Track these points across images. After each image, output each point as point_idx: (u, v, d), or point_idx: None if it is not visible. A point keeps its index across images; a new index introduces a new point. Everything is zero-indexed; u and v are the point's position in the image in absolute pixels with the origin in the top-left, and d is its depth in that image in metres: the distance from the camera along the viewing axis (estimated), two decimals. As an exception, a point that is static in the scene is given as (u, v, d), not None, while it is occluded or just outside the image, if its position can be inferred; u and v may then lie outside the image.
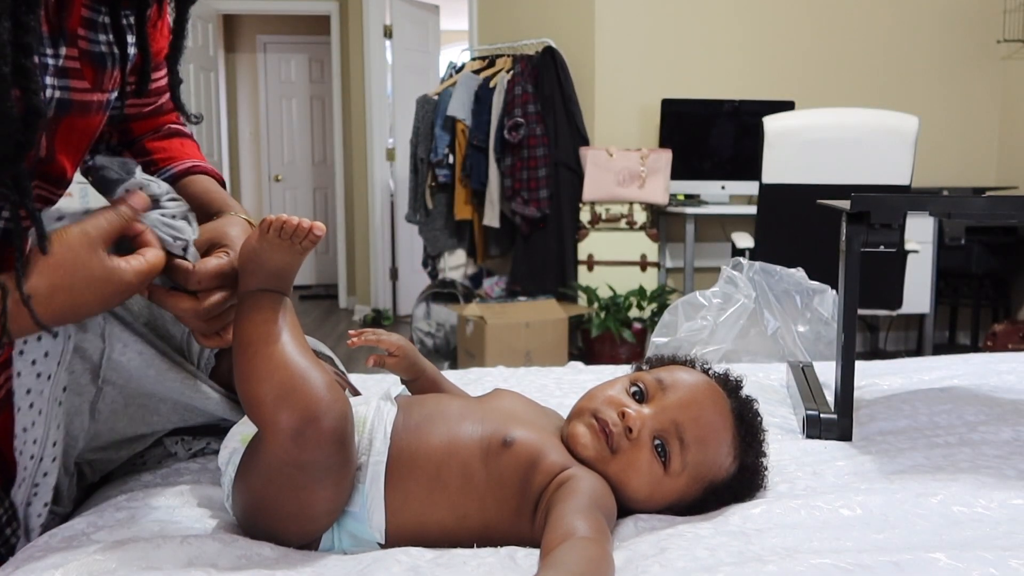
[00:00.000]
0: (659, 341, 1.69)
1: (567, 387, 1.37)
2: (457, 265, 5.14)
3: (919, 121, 3.08)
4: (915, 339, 4.65)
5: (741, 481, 0.88)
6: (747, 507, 0.84)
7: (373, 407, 0.84)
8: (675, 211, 4.22)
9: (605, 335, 4.00)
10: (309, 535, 0.78)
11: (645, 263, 4.20)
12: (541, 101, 4.31)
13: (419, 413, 0.85)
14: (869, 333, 4.72)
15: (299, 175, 7.87)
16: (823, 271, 1.66)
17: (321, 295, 7.38)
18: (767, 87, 4.46)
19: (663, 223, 4.36)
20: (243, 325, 0.78)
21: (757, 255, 3.17)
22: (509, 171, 4.32)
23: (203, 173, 0.97)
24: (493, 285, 4.61)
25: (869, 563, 0.67)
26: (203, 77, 5.76)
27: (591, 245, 4.23)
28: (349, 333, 0.93)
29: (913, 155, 3.06)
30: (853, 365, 1.18)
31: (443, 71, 5.36)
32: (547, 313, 3.98)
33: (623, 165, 4.14)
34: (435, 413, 0.85)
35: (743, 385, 0.93)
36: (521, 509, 0.80)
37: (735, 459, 0.87)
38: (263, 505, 0.77)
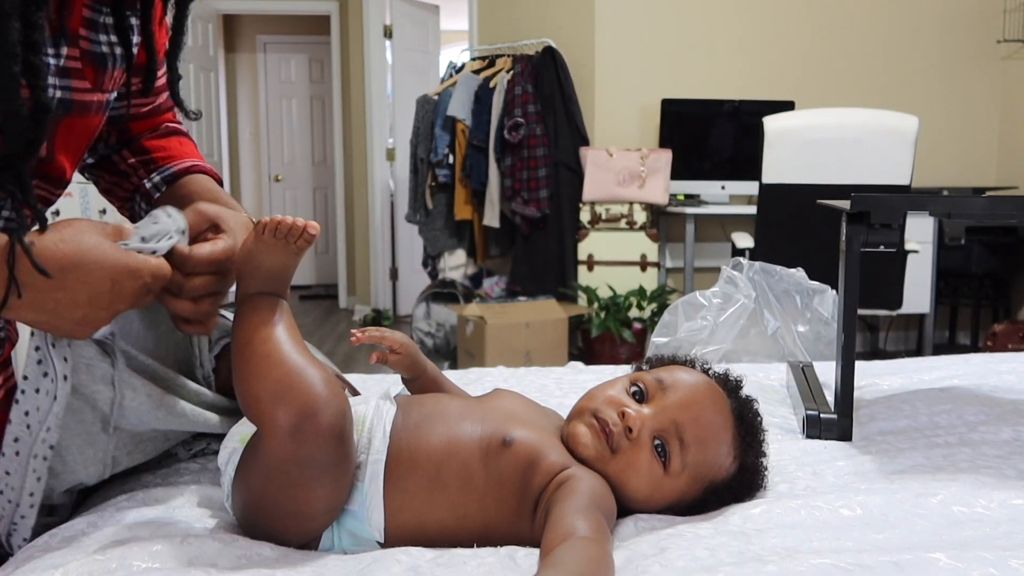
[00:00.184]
0: (659, 341, 1.69)
1: (567, 387, 1.37)
2: (457, 265, 5.14)
3: (919, 121, 3.08)
4: (915, 339, 4.65)
5: (741, 481, 0.88)
6: (747, 507, 0.84)
7: (372, 406, 0.84)
8: (675, 211, 4.22)
9: (605, 335, 4.00)
10: (309, 533, 0.78)
11: (645, 263, 4.20)
12: (541, 101, 4.31)
13: (419, 412, 0.85)
14: (869, 333, 4.72)
15: (299, 175, 7.87)
16: (823, 271, 1.66)
17: (321, 295, 7.38)
18: (767, 87, 4.46)
19: (663, 223, 4.36)
20: (241, 327, 0.79)
21: (757, 255, 3.17)
22: (509, 171, 4.32)
23: (202, 172, 0.97)
24: (493, 285, 4.61)
25: (869, 563, 0.66)
26: (203, 77, 5.76)
27: (591, 245, 4.23)
28: (352, 331, 0.94)
29: (913, 155, 3.07)
30: (853, 365, 1.18)
31: (443, 71, 5.36)
32: (547, 313, 3.98)
33: (623, 165, 4.14)
34: (435, 412, 0.85)
35: (743, 385, 0.93)
36: (521, 509, 0.80)
37: (735, 459, 0.87)
38: (262, 503, 0.77)
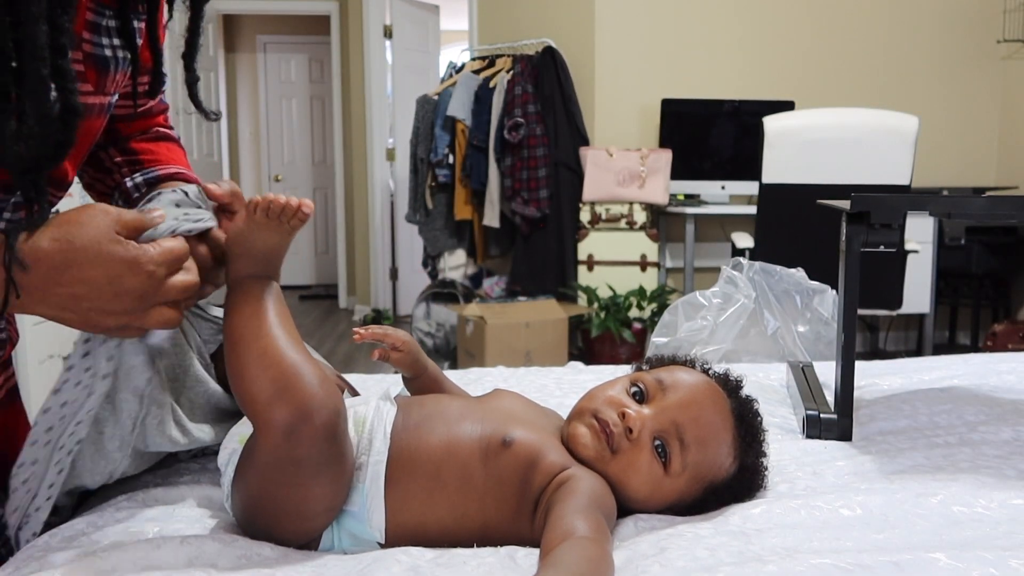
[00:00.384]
0: (659, 341, 1.69)
1: (567, 387, 1.36)
2: (457, 265, 5.14)
3: (919, 121, 3.08)
4: (915, 339, 4.65)
5: (741, 481, 0.88)
6: (747, 507, 0.84)
7: (372, 407, 0.84)
8: (675, 211, 4.22)
9: (605, 335, 4.01)
10: (308, 533, 0.78)
11: (645, 263, 4.20)
12: (541, 101, 4.31)
13: (419, 413, 0.85)
14: (869, 333, 4.72)
15: (299, 175, 7.87)
16: (823, 271, 1.66)
17: (321, 295, 7.38)
18: (767, 87, 4.46)
19: (663, 223, 4.36)
20: (233, 318, 0.78)
21: (757, 255, 3.17)
22: (509, 171, 4.32)
23: (186, 181, 0.97)
24: (493, 285, 4.61)
25: (869, 563, 0.66)
26: (203, 77, 5.75)
27: (591, 245, 4.23)
28: (355, 329, 0.93)
29: (913, 155, 3.07)
30: (853, 365, 1.18)
31: (443, 71, 5.36)
32: (547, 313, 3.98)
33: (623, 165, 4.14)
34: (435, 413, 0.85)
35: (743, 385, 0.93)
36: (520, 509, 0.80)
37: (735, 459, 0.87)
38: (261, 503, 0.77)
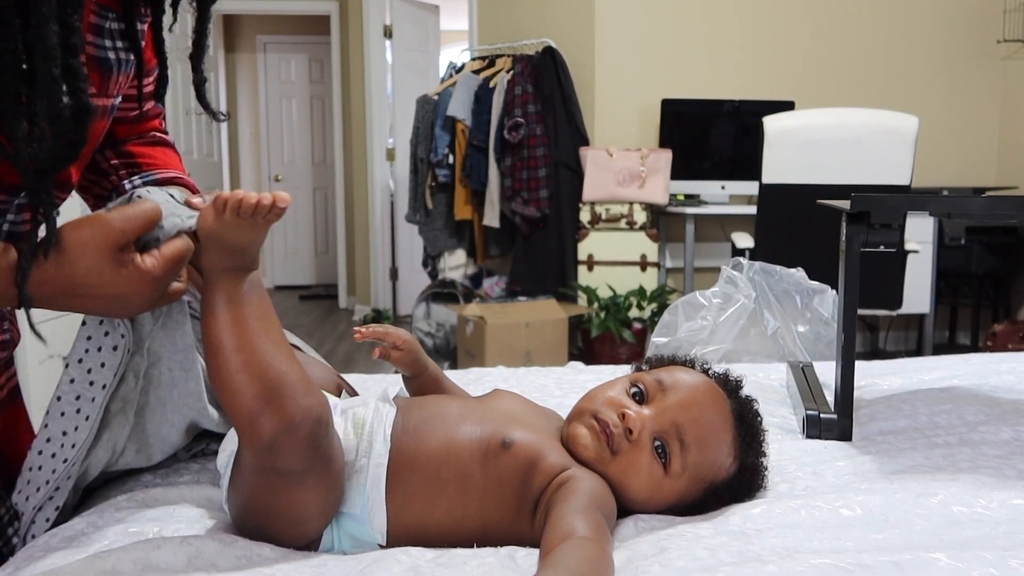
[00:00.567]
0: (659, 341, 1.69)
1: (567, 387, 1.36)
2: (457, 265, 5.14)
3: (919, 121, 3.08)
4: (915, 339, 4.65)
5: (741, 481, 0.88)
6: (747, 507, 0.84)
7: (372, 408, 0.84)
8: (675, 211, 4.22)
9: (605, 335, 4.00)
10: (305, 536, 0.78)
11: (645, 263, 4.20)
12: (541, 101, 4.31)
13: (418, 415, 0.84)
14: (869, 333, 4.72)
15: (299, 175, 7.87)
16: (823, 271, 1.66)
17: (321, 295, 7.38)
18: (767, 87, 4.46)
19: (663, 223, 4.36)
20: (212, 326, 0.73)
21: (757, 255, 3.17)
22: (509, 171, 4.32)
23: (184, 186, 0.97)
24: (493, 285, 4.61)
25: (869, 563, 0.66)
26: (203, 77, 5.75)
27: (591, 245, 4.23)
28: (355, 328, 0.93)
29: (913, 155, 3.06)
30: (853, 365, 1.18)
31: (443, 71, 5.36)
32: (547, 313, 3.98)
33: (623, 165, 4.14)
34: (434, 415, 0.85)
35: (743, 385, 0.93)
36: (520, 510, 0.80)
37: (735, 460, 0.87)
38: (254, 509, 0.77)
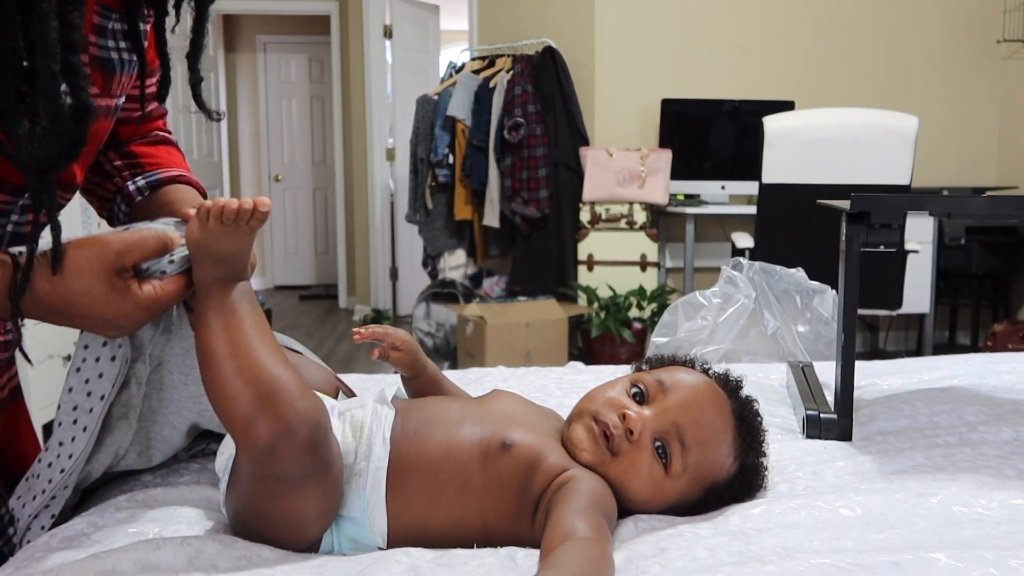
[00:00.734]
0: (659, 341, 1.69)
1: (567, 387, 1.36)
2: (457, 265, 5.14)
3: (919, 121, 3.08)
4: (915, 339, 4.65)
5: (741, 481, 0.88)
6: (747, 507, 0.84)
7: (370, 411, 0.83)
8: (675, 211, 4.22)
9: (605, 335, 4.00)
10: (305, 540, 0.77)
11: (645, 263, 4.20)
12: (541, 101, 4.31)
13: (417, 417, 0.84)
14: (869, 333, 4.72)
15: (299, 175, 7.87)
16: (823, 271, 1.66)
17: (321, 295, 7.38)
18: (767, 87, 4.46)
19: (663, 223, 4.36)
20: (205, 333, 0.73)
21: (757, 255, 3.17)
22: (509, 171, 4.32)
23: (188, 184, 0.97)
24: (493, 285, 4.61)
25: (869, 563, 0.66)
26: (203, 77, 5.76)
27: (591, 245, 4.23)
28: (355, 329, 0.93)
29: (913, 155, 3.06)
30: (853, 365, 1.18)
31: (443, 71, 5.36)
32: (547, 313, 3.98)
33: (623, 165, 4.14)
34: (433, 416, 0.84)
35: (743, 385, 0.93)
36: (520, 511, 0.80)
37: (735, 460, 0.87)
38: (253, 513, 0.76)
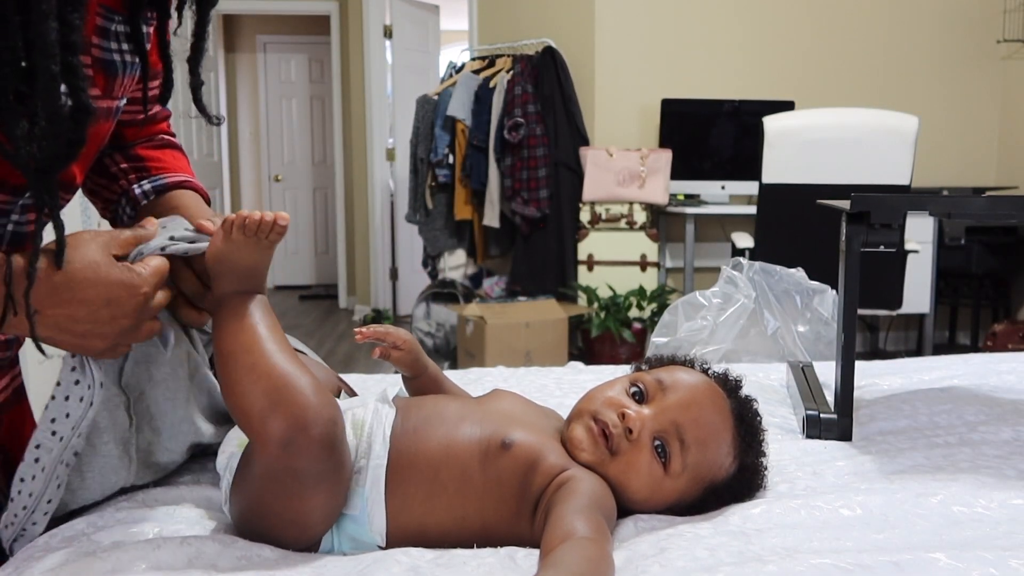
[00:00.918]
0: (659, 341, 1.69)
1: (567, 387, 1.36)
2: (457, 265, 5.14)
3: (919, 121, 3.08)
4: (915, 339, 4.65)
5: (741, 481, 0.88)
6: (747, 507, 0.84)
7: (371, 410, 0.83)
8: (675, 211, 4.22)
9: (605, 335, 4.00)
10: (308, 540, 0.78)
11: (645, 263, 4.20)
12: (541, 101, 4.31)
13: (417, 415, 0.84)
14: (869, 333, 4.72)
15: (299, 175, 7.87)
16: (823, 271, 1.66)
17: (321, 295, 7.38)
18: (767, 87, 4.46)
19: (663, 223, 4.36)
20: (222, 335, 0.77)
21: (757, 255, 3.17)
22: (509, 171, 4.32)
23: (193, 190, 0.97)
24: (493, 285, 4.61)
25: (869, 563, 0.67)
26: (203, 78, 5.76)
27: (591, 245, 4.23)
28: (356, 329, 0.93)
29: (913, 155, 3.06)
30: (853, 365, 1.18)
31: (443, 71, 5.36)
32: (547, 313, 3.98)
33: (623, 165, 4.14)
34: (433, 415, 0.84)
35: (743, 385, 0.93)
36: (520, 510, 0.80)
37: (735, 459, 0.87)
38: (259, 513, 0.77)
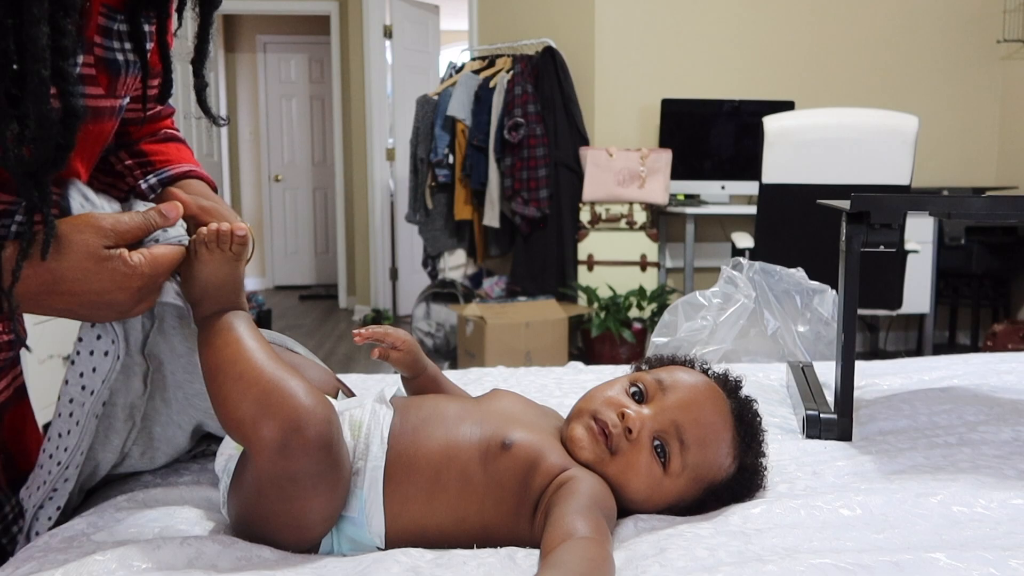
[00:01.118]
0: (659, 341, 1.69)
1: (567, 387, 1.37)
2: (457, 265, 5.14)
3: (919, 121, 3.08)
4: (915, 339, 4.65)
5: (741, 481, 0.88)
6: (747, 507, 0.84)
7: (368, 410, 0.83)
8: (675, 211, 4.22)
9: (605, 335, 4.00)
10: (307, 542, 0.77)
11: (645, 263, 4.20)
12: (541, 101, 4.31)
13: (416, 416, 0.84)
14: (869, 333, 4.72)
15: (299, 175, 7.87)
16: (823, 271, 1.66)
17: (321, 295, 7.38)
18: (767, 87, 4.46)
19: (663, 223, 4.36)
20: (207, 354, 0.77)
21: (757, 255, 3.17)
22: (509, 171, 4.32)
23: (199, 178, 0.97)
24: (493, 285, 4.61)
25: (869, 563, 0.67)
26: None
27: (591, 245, 4.23)
28: (355, 331, 0.93)
29: (913, 155, 3.06)
30: (853, 365, 1.18)
31: (443, 71, 5.36)
32: (547, 313, 3.98)
33: (623, 165, 4.14)
34: (432, 415, 0.84)
35: (743, 385, 0.93)
36: (520, 511, 0.80)
37: (735, 459, 0.87)
38: (258, 516, 0.76)
